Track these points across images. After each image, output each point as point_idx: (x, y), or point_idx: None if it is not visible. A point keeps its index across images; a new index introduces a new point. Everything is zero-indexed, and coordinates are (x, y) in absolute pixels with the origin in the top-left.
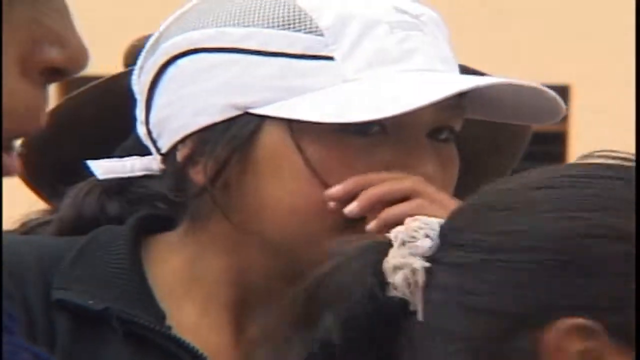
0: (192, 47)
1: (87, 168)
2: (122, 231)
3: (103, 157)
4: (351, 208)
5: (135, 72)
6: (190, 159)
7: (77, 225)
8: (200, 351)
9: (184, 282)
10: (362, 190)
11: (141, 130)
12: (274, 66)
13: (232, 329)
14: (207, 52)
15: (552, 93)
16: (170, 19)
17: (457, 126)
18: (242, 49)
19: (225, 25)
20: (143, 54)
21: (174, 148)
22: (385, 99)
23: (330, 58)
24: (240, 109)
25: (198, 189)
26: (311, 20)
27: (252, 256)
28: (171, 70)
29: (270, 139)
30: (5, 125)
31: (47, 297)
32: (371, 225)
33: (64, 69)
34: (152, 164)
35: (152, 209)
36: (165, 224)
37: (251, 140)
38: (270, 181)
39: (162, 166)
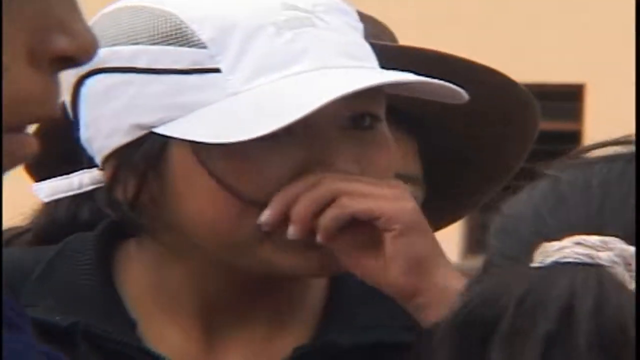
0: (94, 67)
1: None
2: (92, 238)
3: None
4: (292, 233)
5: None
6: (114, 179)
7: (51, 232)
8: None
9: (150, 290)
10: (289, 206)
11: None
12: (165, 84)
13: (202, 337)
14: (106, 72)
15: (449, 86)
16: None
17: (379, 110)
18: (134, 68)
19: (116, 44)
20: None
21: (102, 167)
22: (267, 113)
23: (217, 70)
24: (145, 128)
25: (125, 208)
26: (193, 33)
27: (205, 264)
28: (83, 90)
29: (177, 158)
30: (15, 113)
31: None
32: (292, 232)
33: (74, 58)
34: (101, 176)
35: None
36: (135, 229)
37: (161, 159)
38: (187, 197)
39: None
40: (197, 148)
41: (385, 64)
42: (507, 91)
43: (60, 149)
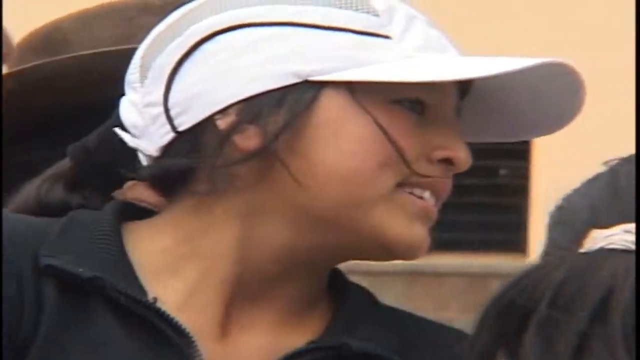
0: (237, 23)
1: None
2: (103, 214)
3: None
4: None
5: (137, 60)
6: (235, 127)
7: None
8: (184, 326)
9: (175, 261)
10: None
11: (151, 111)
12: (337, 38)
13: (222, 309)
14: (255, 26)
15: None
16: (190, 7)
17: None
18: (299, 23)
19: (276, 3)
20: (152, 41)
21: (206, 121)
22: (456, 67)
23: (387, 37)
24: (301, 77)
25: (244, 156)
26: (367, 2)
27: (265, 233)
28: (207, 47)
29: (331, 105)
30: None
31: (36, 265)
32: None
33: None
34: (140, 144)
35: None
36: (141, 213)
37: (311, 107)
38: (327, 146)
39: (160, 149)
40: (360, 96)
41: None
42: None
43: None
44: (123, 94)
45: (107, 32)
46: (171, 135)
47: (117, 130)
